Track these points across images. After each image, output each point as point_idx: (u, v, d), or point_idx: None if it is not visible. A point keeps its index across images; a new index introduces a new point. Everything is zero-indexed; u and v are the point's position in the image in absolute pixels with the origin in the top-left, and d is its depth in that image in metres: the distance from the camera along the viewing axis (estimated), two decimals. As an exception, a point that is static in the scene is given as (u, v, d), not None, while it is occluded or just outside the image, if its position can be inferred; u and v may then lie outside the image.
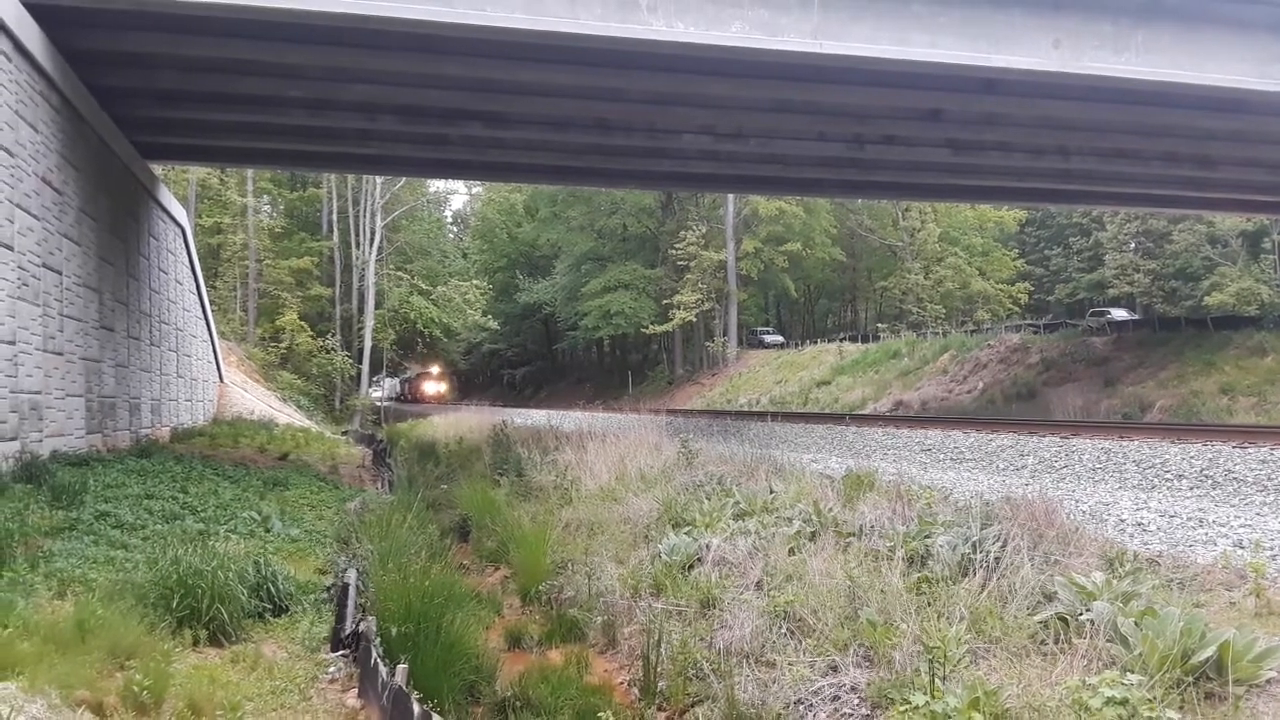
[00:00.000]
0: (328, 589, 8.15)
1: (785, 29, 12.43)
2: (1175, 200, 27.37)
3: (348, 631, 6.83)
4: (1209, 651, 4.37)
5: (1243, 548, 6.22)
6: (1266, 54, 14.19)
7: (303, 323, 38.97)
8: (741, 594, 7.39)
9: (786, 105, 16.29)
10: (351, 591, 7.34)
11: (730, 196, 48.87)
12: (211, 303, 27.68)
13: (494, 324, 54.60)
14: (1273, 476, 9.49)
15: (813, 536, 7.92)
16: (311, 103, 16.03)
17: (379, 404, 50.43)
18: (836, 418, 21.44)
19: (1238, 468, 10.05)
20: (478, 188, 65.90)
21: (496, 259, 68.20)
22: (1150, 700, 4.08)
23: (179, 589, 6.54)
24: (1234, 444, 11.34)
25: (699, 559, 8.38)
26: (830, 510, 8.37)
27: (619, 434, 16.34)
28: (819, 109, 16.54)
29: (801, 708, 5.70)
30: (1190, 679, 4.35)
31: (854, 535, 7.68)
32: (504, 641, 8.61)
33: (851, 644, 5.91)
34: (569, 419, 23.93)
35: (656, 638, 7.14)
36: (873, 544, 7.27)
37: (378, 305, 43.06)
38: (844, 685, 5.65)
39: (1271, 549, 6.20)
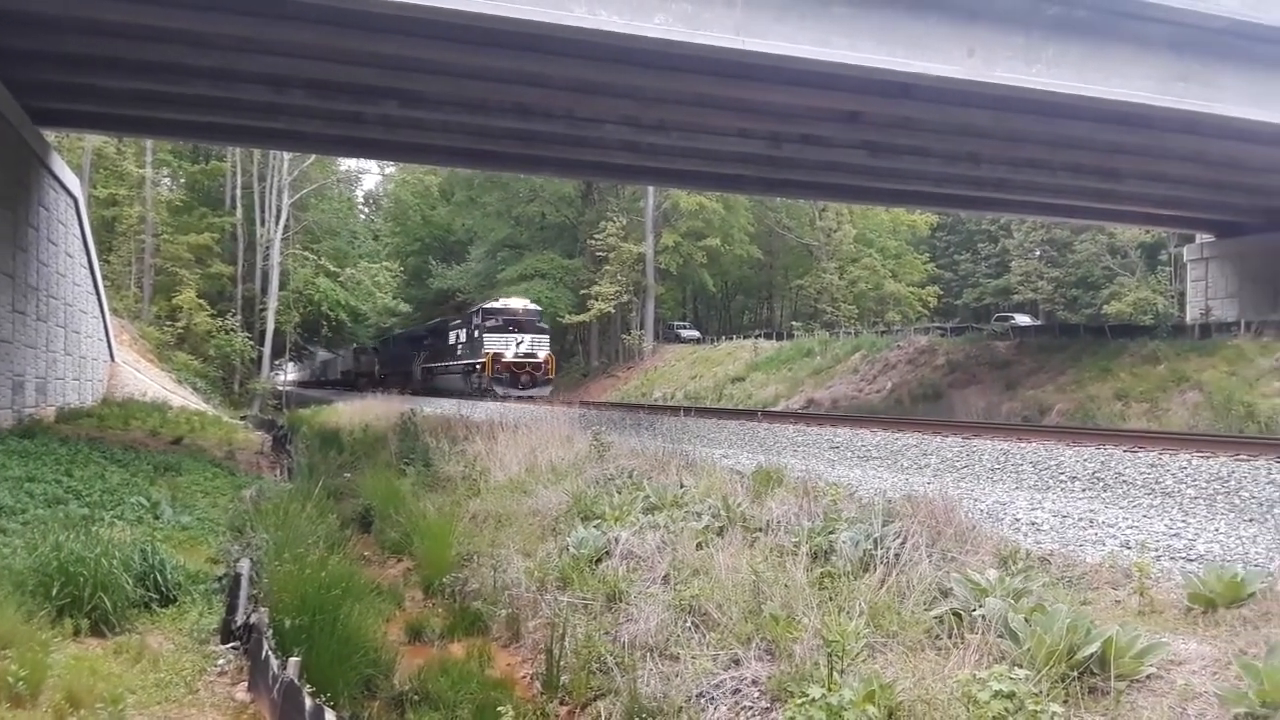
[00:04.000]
0: (219, 579, 7.89)
1: (708, 24, 12.44)
2: (1081, 211, 28.50)
3: (239, 623, 6.62)
4: (1094, 647, 4.50)
5: (1129, 548, 6.44)
6: (1168, 71, 14.79)
7: (201, 301, 37.44)
8: (648, 588, 7.38)
9: (709, 100, 16.35)
10: (244, 582, 7.10)
11: (651, 189, 48.95)
12: (104, 278, 26.42)
13: (405, 308, 53.54)
14: (1160, 480, 9.88)
15: (721, 531, 7.95)
16: (217, 73, 15.42)
17: (281, 389, 48.82)
18: (749, 414, 21.65)
19: (1128, 471, 10.44)
20: (391, 168, 64.49)
21: (409, 242, 66.76)
22: (1036, 694, 4.18)
23: (59, 576, 6.33)
24: (1125, 448, 11.78)
25: (607, 552, 8.35)
26: (739, 505, 8.40)
27: (531, 425, 16.19)
28: (741, 106, 16.64)
29: (703, 701, 5.70)
30: (1075, 674, 4.47)
31: (761, 530, 7.73)
32: (404, 635, 8.46)
33: (754, 638, 5.94)
34: (480, 409, 23.60)
35: (561, 631, 7.09)
36: (779, 539, 7.32)
37: (282, 286, 41.73)
38: (745, 679, 5.68)
39: (1156, 550, 6.43)
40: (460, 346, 38.86)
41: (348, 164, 54.87)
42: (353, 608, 7.13)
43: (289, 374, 65.27)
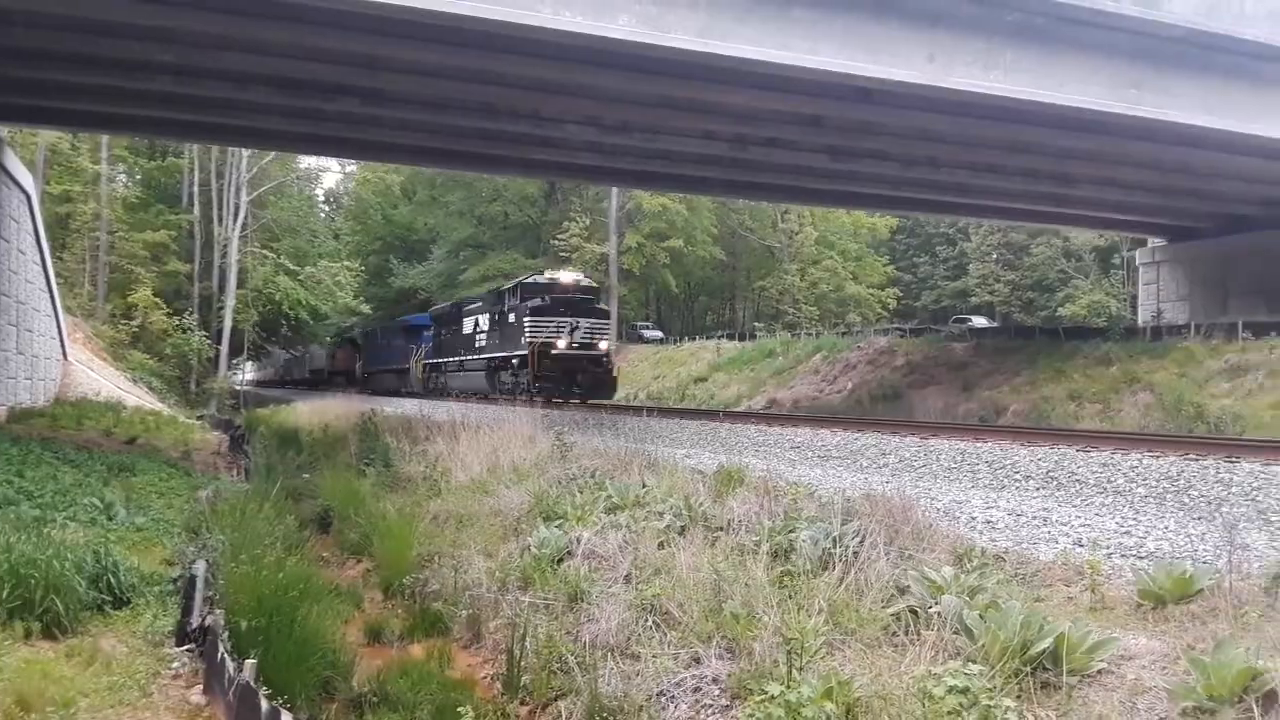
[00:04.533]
0: (174, 581, 7.76)
1: (672, 26, 12.49)
2: (1036, 215, 29.03)
3: (194, 625, 6.53)
4: (1046, 643, 4.58)
5: (1082, 546, 6.54)
6: (1121, 78, 15.11)
7: (157, 300, 36.74)
8: (610, 587, 7.37)
9: (673, 102, 16.41)
10: (199, 583, 6.99)
11: (614, 190, 48.96)
12: (58, 275, 25.86)
13: (366, 308, 53.00)
14: (1112, 479, 10.06)
15: (683, 531, 7.97)
16: (179, 69, 15.21)
17: (239, 388, 47.86)
18: (711, 414, 21.70)
19: (1081, 470, 10.61)
20: (352, 166, 63.82)
21: (370, 241, 66.06)
22: (990, 689, 4.24)
23: (10, 578, 6.22)
24: (1078, 448, 11.97)
25: (569, 552, 8.33)
26: (701, 505, 8.43)
27: (494, 425, 16.10)
28: (705, 108, 16.72)
29: (664, 699, 5.72)
30: (1028, 669, 4.55)
31: (722, 529, 7.76)
32: (364, 636, 8.39)
33: (715, 636, 5.96)
34: (441, 409, 23.40)
35: (522, 631, 7.06)
36: (740, 538, 7.36)
37: (240, 284, 41.09)
38: (706, 677, 5.70)
39: (1108, 547, 6.54)
40: (483, 336, 29.06)
41: (308, 162, 54.21)
42: (310, 609, 7.07)
43: (248, 373, 63.82)
